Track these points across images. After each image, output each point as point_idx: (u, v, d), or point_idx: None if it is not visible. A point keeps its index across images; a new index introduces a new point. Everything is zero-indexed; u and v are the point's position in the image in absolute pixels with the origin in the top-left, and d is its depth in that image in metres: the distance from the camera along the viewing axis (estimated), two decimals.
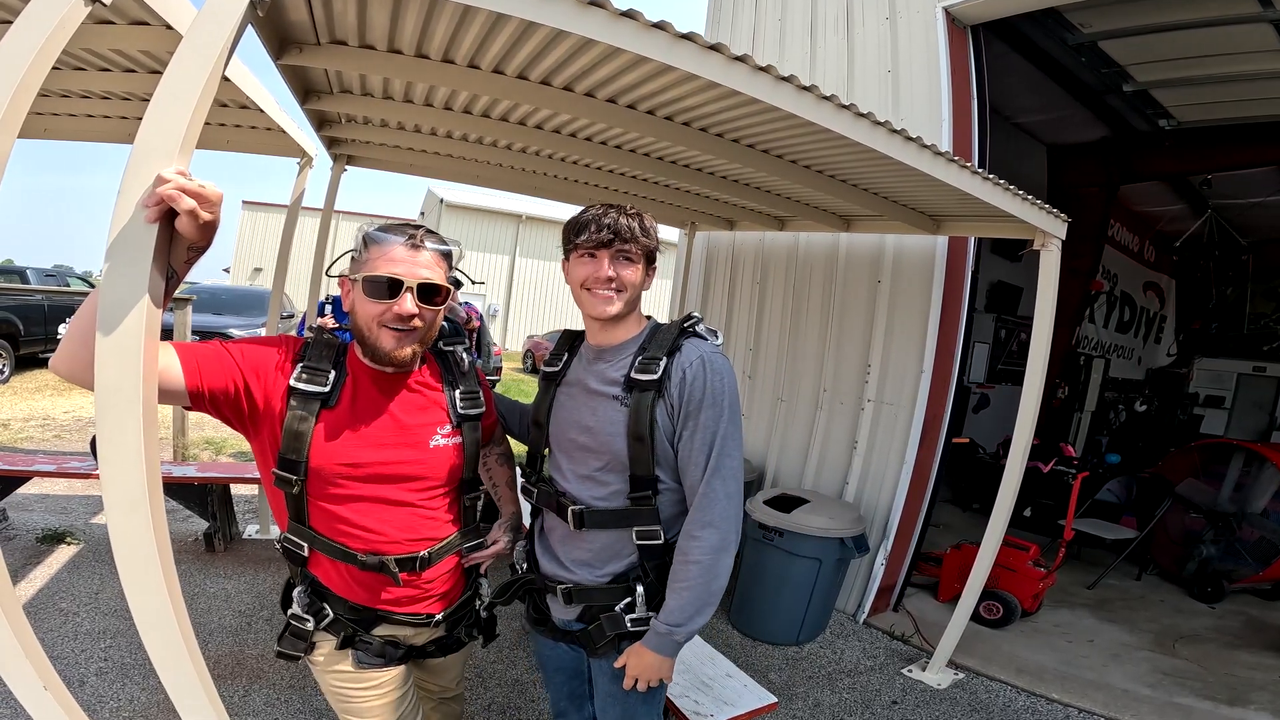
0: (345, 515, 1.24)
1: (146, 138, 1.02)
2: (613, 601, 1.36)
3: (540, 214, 21.28)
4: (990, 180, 2.53)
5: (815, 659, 3.28)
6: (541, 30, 1.57)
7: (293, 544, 1.27)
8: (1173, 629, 3.97)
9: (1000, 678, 3.20)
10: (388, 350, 1.21)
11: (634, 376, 1.30)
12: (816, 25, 4.26)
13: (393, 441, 1.26)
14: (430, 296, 1.23)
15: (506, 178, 3.66)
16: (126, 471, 0.98)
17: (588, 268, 1.33)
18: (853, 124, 2.00)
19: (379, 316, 1.20)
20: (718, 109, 2.04)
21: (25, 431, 6.07)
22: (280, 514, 1.28)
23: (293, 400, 1.18)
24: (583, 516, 1.34)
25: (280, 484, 1.21)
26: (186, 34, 1.10)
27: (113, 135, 3.32)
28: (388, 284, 1.18)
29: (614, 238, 1.30)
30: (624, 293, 1.33)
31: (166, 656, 1.10)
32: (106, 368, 0.95)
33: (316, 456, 1.19)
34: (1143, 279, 8.46)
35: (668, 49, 1.54)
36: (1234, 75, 4.44)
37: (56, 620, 2.89)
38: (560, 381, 1.46)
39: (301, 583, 1.29)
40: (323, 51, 1.78)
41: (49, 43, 1.13)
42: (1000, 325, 6.89)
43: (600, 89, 1.99)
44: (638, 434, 1.28)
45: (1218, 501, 4.63)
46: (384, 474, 1.25)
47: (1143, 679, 3.29)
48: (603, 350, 1.39)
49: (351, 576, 1.28)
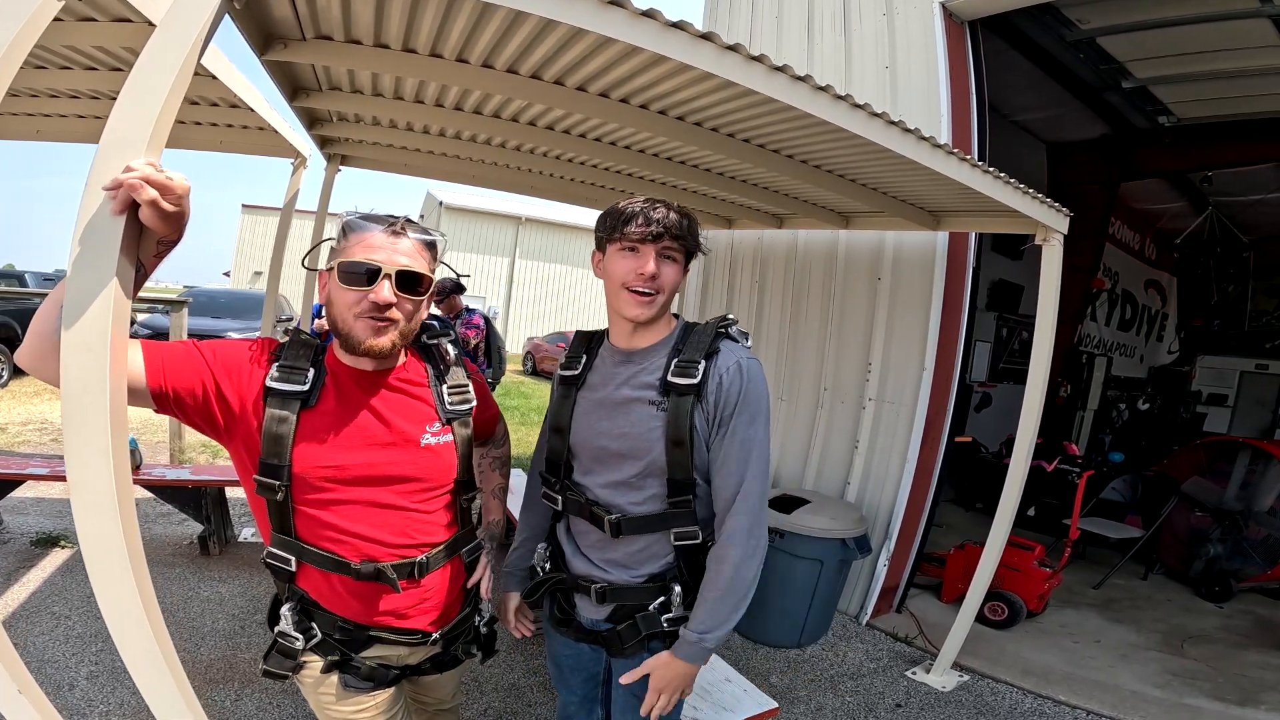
0: (334, 522, 1.17)
1: (116, 128, 0.98)
2: (647, 600, 1.32)
3: (539, 215, 21.31)
4: (991, 173, 2.50)
5: (817, 662, 3.24)
6: (529, 20, 1.54)
7: (278, 558, 1.18)
8: (1180, 629, 3.92)
9: (1006, 679, 3.15)
10: (363, 341, 1.13)
11: (671, 380, 1.25)
12: (814, 22, 4.23)
13: (380, 442, 1.20)
14: (411, 286, 1.15)
15: (503, 177, 3.64)
16: (94, 472, 0.94)
17: (629, 262, 1.25)
18: (849, 115, 1.96)
19: (354, 305, 1.12)
20: (713, 102, 2.01)
21: (23, 435, 6.04)
22: (265, 526, 1.20)
23: (269, 401, 1.11)
24: (620, 525, 1.30)
25: (263, 491, 1.13)
26: (160, 23, 1.07)
27: None
28: (365, 271, 1.11)
29: (663, 233, 1.24)
30: (662, 294, 1.27)
31: (140, 660, 1.06)
32: (72, 363, 0.92)
33: (299, 460, 1.13)
34: (1144, 277, 8.42)
35: (657, 37, 1.51)
36: (1233, 71, 4.41)
37: (49, 624, 2.86)
38: (581, 385, 1.39)
39: (289, 599, 1.21)
40: (308, 47, 1.75)
41: (18, 38, 1.10)
42: (1002, 324, 6.85)
43: (592, 83, 1.96)
44: (677, 439, 1.24)
45: (1224, 500, 4.59)
46: (372, 476, 1.18)
47: (1151, 679, 3.24)
48: (632, 353, 1.34)
49: (345, 588, 1.20)
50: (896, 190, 2.96)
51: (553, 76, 1.94)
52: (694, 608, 1.28)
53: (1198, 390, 8.65)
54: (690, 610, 1.30)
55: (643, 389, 1.29)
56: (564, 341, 13.91)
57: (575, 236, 21.85)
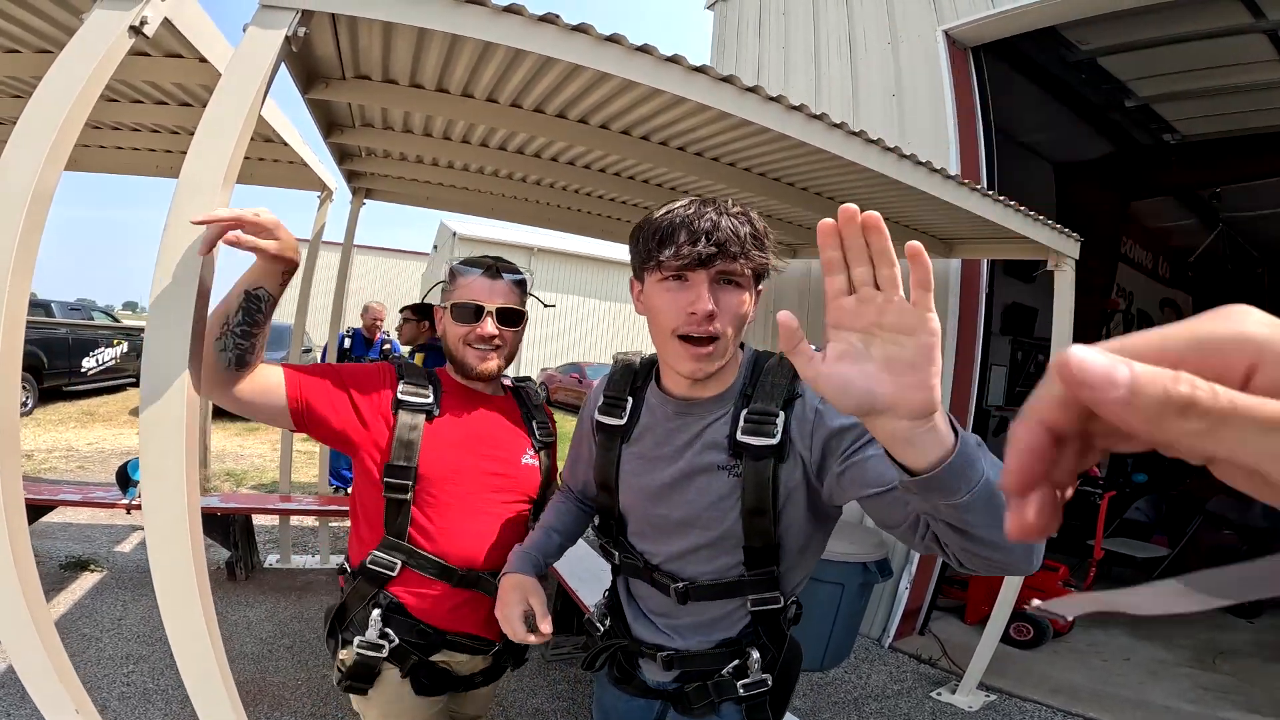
0: (446, 525, 1.28)
1: (191, 173, 1.07)
2: (719, 666, 1.11)
3: (551, 246, 21.50)
4: (1001, 202, 2.55)
5: (840, 684, 3.21)
6: (558, 65, 1.63)
7: (383, 563, 1.27)
8: (1211, 644, 3.86)
9: (1034, 698, 3.12)
10: (474, 366, 1.33)
11: (742, 440, 0.99)
12: (819, 52, 4.35)
13: (490, 452, 1.35)
14: (509, 320, 1.35)
15: (521, 210, 3.73)
16: (169, 500, 1.01)
17: (678, 298, 0.95)
18: (863, 151, 2.05)
19: (465, 337, 1.32)
20: (731, 139, 2.10)
21: (49, 462, 6.16)
22: (372, 534, 1.29)
23: (401, 412, 1.27)
24: (688, 592, 1.09)
25: (391, 491, 1.25)
26: (226, 70, 1.16)
27: (140, 168, 3.38)
28: (472, 309, 1.32)
29: (716, 252, 0.91)
30: (726, 339, 0.96)
31: (201, 683, 1.12)
32: (150, 403, 0.99)
33: (426, 462, 1.27)
34: (1159, 296, 8.38)
35: (682, 81, 1.59)
36: (1233, 87, 4.46)
37: (79, 645, 2.91)
38: (628, 439, 1.14)
39: (375, 605, 1.28)
40: (347, 86, 1.85)
41: (96, 73, 1.19)
42: (1017, 347, 6.83)
43: (615, 121, 2.06)
44: (757, 509, 1.00)
45: (1249, 517, 4.53)
46: (485, 480, 1.33)
47: (1183, 695, 3.20)
48: (690, 404, 1.07)
49: (438, 593, 1.29)
50: (909, 220, 3.02)
51: (579, 115, 2.03)
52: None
53: None
54: (770, 673, 1.09)
55: (708, 450, 1.04)
56: (577, 372, 13.77)
57: (588, 267, 22.02)
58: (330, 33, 1.57)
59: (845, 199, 2.75)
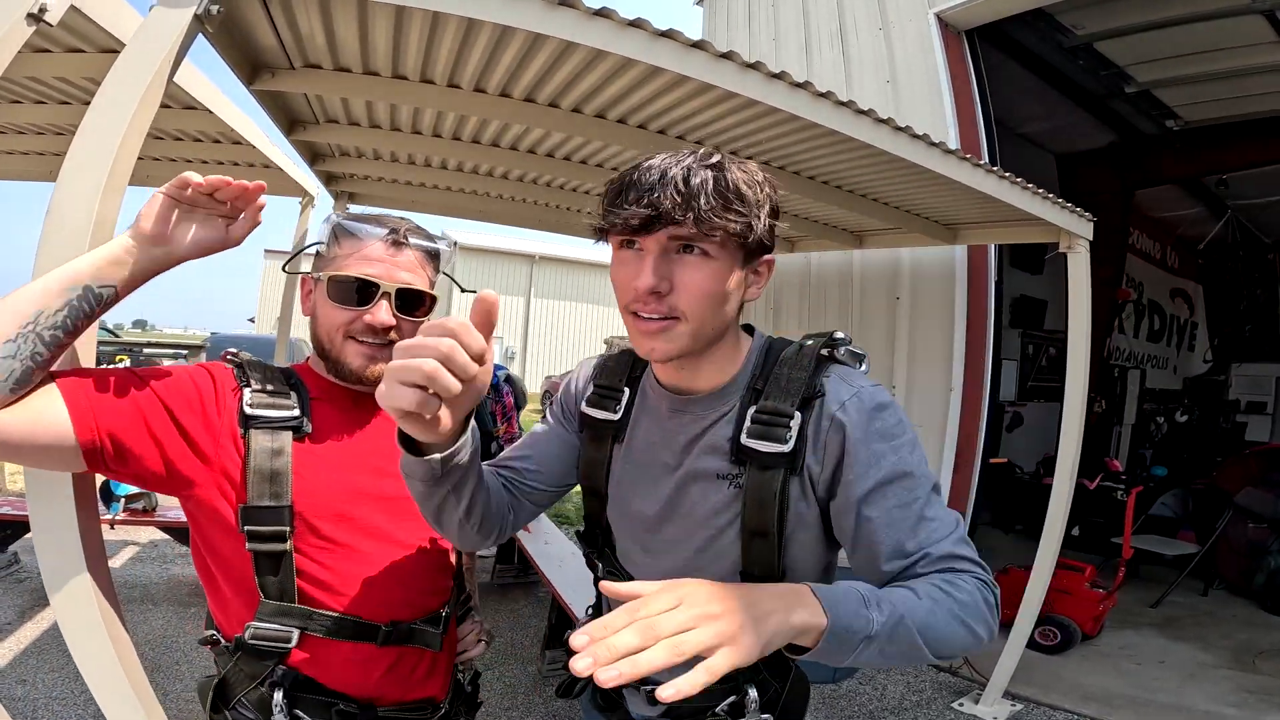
0: (349, 570, 0.96)
1: (79, 151, 0.95)
2: (713, 704, 0.94)
3: (553, 253, 21.51)
4: (1007, 178, 2.41)
5: (855, 697, 3.03)
6: (516, 37, 1.51)
7: (270, 636, 0.92)
8: (1250, 644, 3.67)
9: (1064, 706, 2.94)
10: (354, 369, 0.97)
11: (747, 445, 0.82)
12: (811, 41, 4.25)
13: (386, 467, 0.97)
14: (412, 306, 0.99)
15: (513, 211, 3.63)
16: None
17: (626, 269, 0.80)
18: (854, 121, 1.91)
19: (346, 326, 0.96)
20: (717, 115, 1.98)
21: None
22: (239, 598, 0.94)
23: (254, 433, 0.91)
24: None
25: (256, 542, 0.90)
26: (123, 54, 1.05)
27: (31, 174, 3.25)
28: (359, 287, 0.95)
29: (660, 215, 0.74)
30: (684, 320, 0.78)
31: None
32: None
33: (303, 496, 0.92)
34: (1169, 286, 8.24)
35: (647, 46, 1.47)
36: (1233, 70, 4.35)
37: (59, 660, 2.83)
38: (620, 438, 0.97)
39: (281, 684, 0.92)
40: (297, 76, 1.74)
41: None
42: (1027, 340, 6.68)
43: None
44: (759, 530, 0.83)
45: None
46: (384, 505, 0.99)
47: (1225, 699, 3.01)
48: (688, 398, 0.90)
49: (364, 656, 0.97)
50: (909, 204, 2.89)
51: (546, 99, 1.91)
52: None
53: (1235, 399, 8.34)
54: (770, 712, 0.92)
55: (706, 454, 0.87)
56: None
57: (590, 273, 22.03)
58: (264, 14, 1.45)
59: (843, 182, 2.63)
